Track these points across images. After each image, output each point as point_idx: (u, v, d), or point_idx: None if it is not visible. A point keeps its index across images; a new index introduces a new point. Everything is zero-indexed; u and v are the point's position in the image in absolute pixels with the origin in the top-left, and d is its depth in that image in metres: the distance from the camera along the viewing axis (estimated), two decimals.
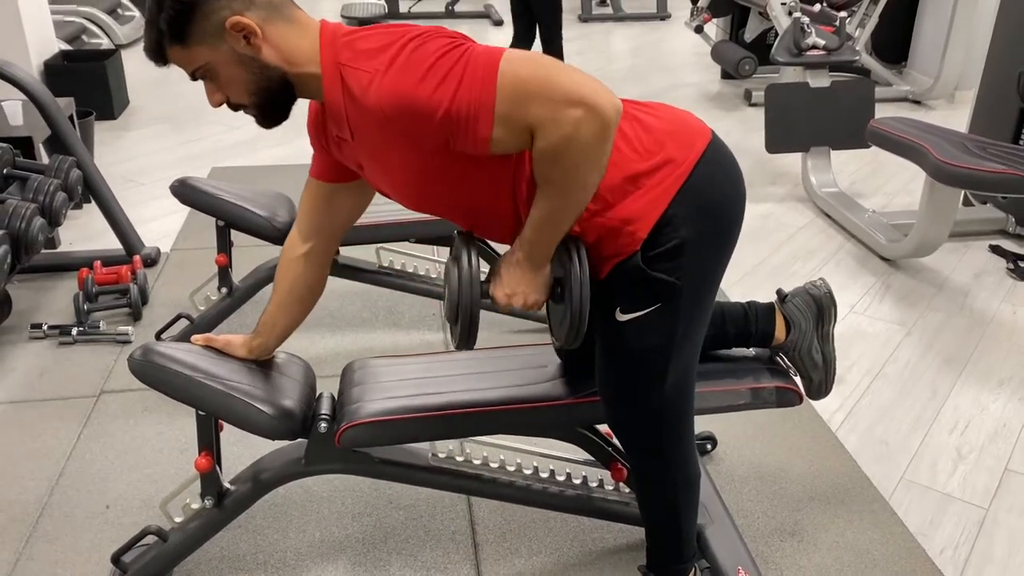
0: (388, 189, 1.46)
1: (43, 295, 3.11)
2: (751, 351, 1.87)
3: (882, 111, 5.10)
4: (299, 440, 1.75)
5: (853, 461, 2.28)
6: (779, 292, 1.85)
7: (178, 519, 1.84)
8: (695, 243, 1.42)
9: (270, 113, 1.40)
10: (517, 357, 1.86)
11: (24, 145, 3.31)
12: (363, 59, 1.30)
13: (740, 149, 4.70)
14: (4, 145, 2.91)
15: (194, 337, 1.75)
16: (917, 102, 5.52)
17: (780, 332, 1.80)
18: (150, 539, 1.82)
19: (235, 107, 1.40)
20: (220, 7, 1.30)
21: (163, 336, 2.69)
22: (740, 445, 2.32)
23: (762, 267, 3.39)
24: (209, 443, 1.74)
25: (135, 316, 2.93)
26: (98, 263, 3.07)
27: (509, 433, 1.89)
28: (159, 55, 1.35)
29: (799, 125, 3.90)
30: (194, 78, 1.37)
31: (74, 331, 2.79)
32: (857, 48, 5.27)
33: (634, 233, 1.41)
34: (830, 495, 2.16)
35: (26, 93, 3.01)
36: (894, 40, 5.74)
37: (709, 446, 2.28)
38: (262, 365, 1.75)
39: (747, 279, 3.29)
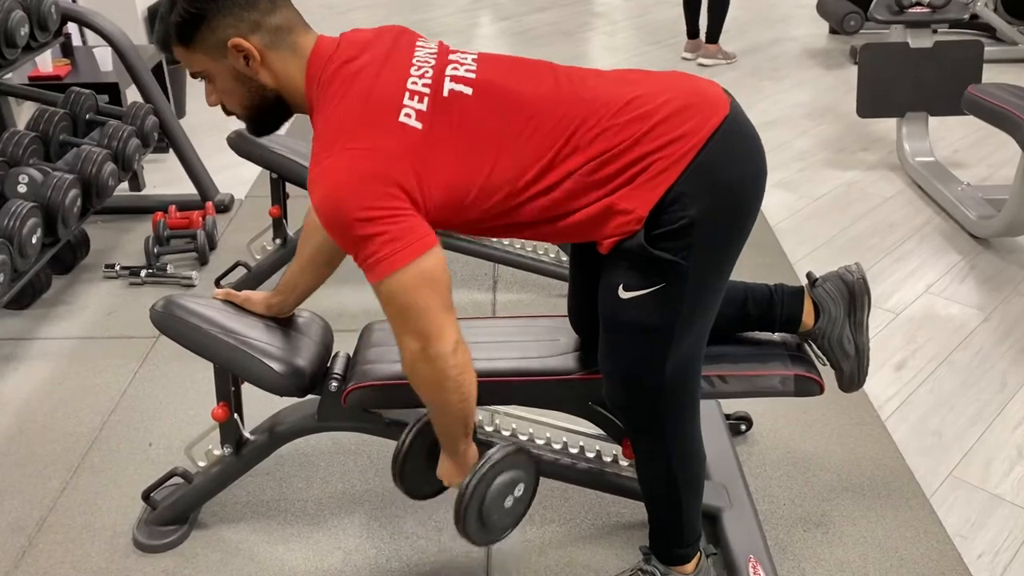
0: None
1: (122, 236, 3.26)
2: (777, 336, 1.78)
3: (1001, 76, 4.74)
4: (316, 396, 1.79)
5: (898, 452, 2.17)
6: (809, 275, 1.76)
7: (201, 463, 1.92)
8: (705, 223, 1.36)
9: (260, 125, 1.47)
10: (533, 328, 1.84)
11: (112, 91, 3.46)
12: (319, 132, 1.34)
13: (835, 111, 4.47)
14: (87, 91, 3.05)
15: (215, 292, 1.80)
16: None
17: (808, 318, 1.71)
18: (178, 479, 1.92)
19: (228, 112, 1.45)
20: (226, 25, 1.33)
21: (222, 283, 2.79)
22: (777, 427, 2.24)
23: (837, 239, 3.22)
24: (226, 394, 1.80)
25: (201, 261, 3.04)
26: (173, 207, 3.20)
27: (518, 405, 1.87)
28: (166, 48, 1.40)
29: (895, 88, 3.66)
30: (194, 76, 1.42)
31: (143, 273, 2.92)
32: (972, 7, 4.89)
33: (632, 211, 1.35)
34: (866, 487, 2.06)
35: (108, 40, 3.13)
36: None
37: (744, 427, 2.21)
38: (280, 323, 1.78)
39: (819, 252, 3.14)
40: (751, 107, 4.54)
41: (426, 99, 1.34)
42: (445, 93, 1.36)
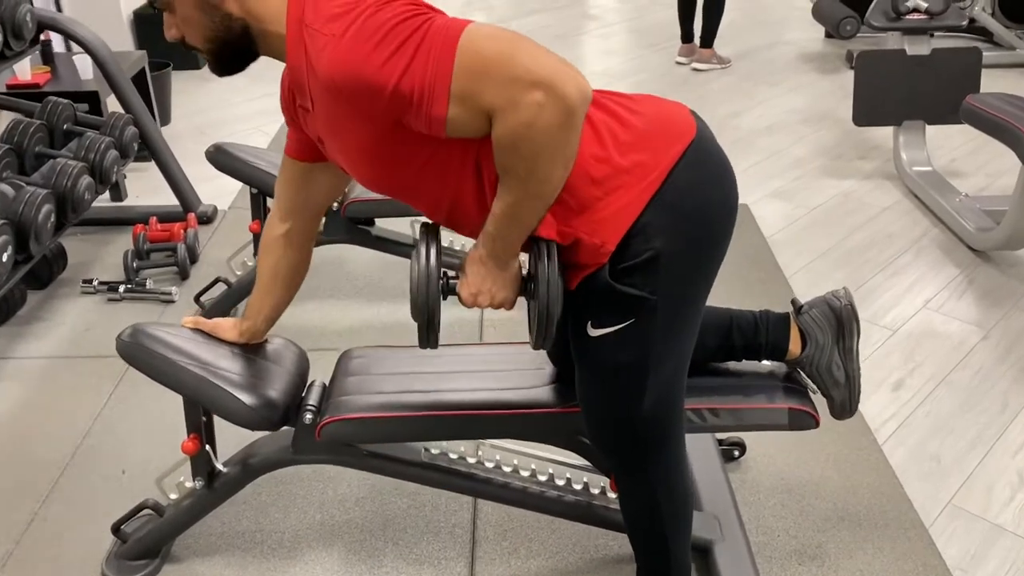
0: (349, 169, 1.37)
1: (101, 248, 3.19)
2: (767, 365, 1.71)
3: (999, 80, 4.68)
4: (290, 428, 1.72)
5: (896, 479, 2.10)
6: (794, 302, 1.69)
7: (173, 496, 1.85)
8: (672, 255, 1.29)
9: (224, 63, 1.34)
10: (517, 356, 1.77)
11: (92, 99, 3.38)
12: (325, 21, 1.20)
13: (832, 117, 4.40)
14: (64, 101, 2.97)
15: (184, 320, 1.73)
16: None
17: (795, 346, 1.64)
18: (149, 512, 1.84)
19: (188, 47, 1.33)
20: None
21: (202, 299, 2.72)
22: (771, 453, 2.17)
23: (833, 252, 3.15)
24: (197, 426, 1.72)
25: (182, 275, 2.97)
26: (154, 219, 3.12)
27: (502, 438, 1.80)
28: None
29: (892, 97, 3.59)
30: (151, 6, 1.31)
31: (121, 288, 2.84)
32: (969, 11, 4.83)
33: (601, 246, 1.28)
34: (863, 516, 2.00)
35: (86, 49, 3.05)
36: None
37: (737, 452, 2.14)
38: (253, 350, 1.71)
39: (814, 264, 3.07)
40: (746, 113, 4.48)
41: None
42: None
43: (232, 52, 1.32)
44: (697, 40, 5.19)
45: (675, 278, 1.31)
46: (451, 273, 1.39)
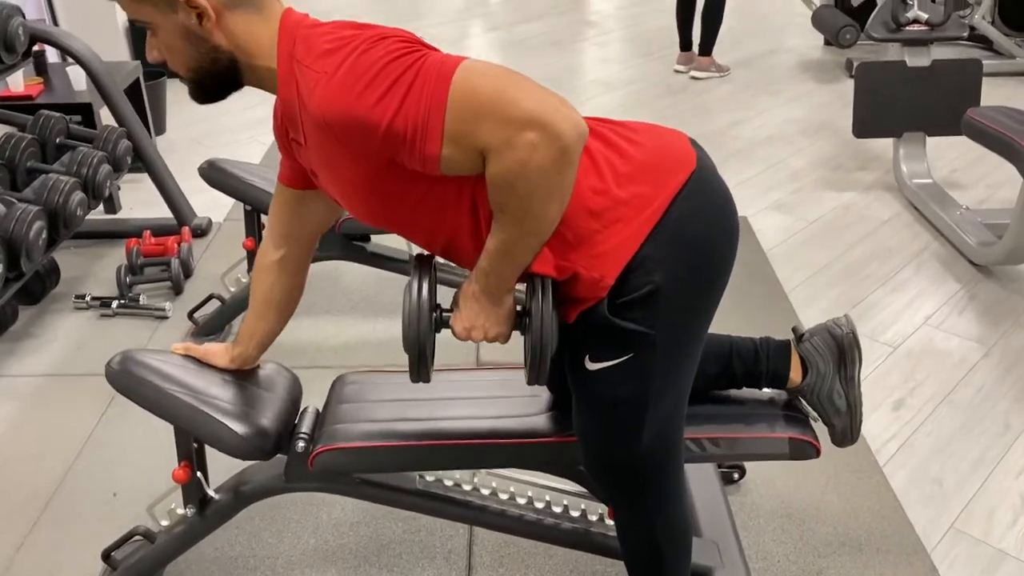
0: (343, 203, 1.34)
1: (95, 262, 3.16)
2: (767, 393, 1.68)
3: (998, 89, 4.66)
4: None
5: (897, 502, 2.07)
6: (795, 330, 1.66)
7: (164, 523, 1.82)
8: (672, 289, 1.27)
9: (207, 93, 1.30)
10: (515, 381, 1.74)
11: (86, 111, 3.36)
12: (316, 58, 1.17)
13: (830, 127, 4.38)
14: (56, 115, 2.95)
15: (174, 346, 1.70)
16: None
17: (796, 374, 1.62)
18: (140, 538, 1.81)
19: (170, 73, 1.30)
20: None
21: (195, 316, 2.69)
22: (771, 476, 2.14)
23: (833, 266, 3.13)
24: (188, 454, 1.69)
25: (176, 290, 2.94)
26: (148, 233, 3.09)
27: (498, 467, 1.77)
28: None
29: (892, 108, 3.57)
30: (132, 26, 1.27)
31: (114, 304, 2.82)
32: (969, 19, 4.81)
33: (599, 280, 1.26)
34: (864, 541, 1.97)
35: (78, 61, 3.02)
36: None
37: (736, 475, 2.11)
38: (244, 376, 1.68)
39: (815, 279, 3.04)
40: (746, 122, 4.46)
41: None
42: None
43: (217, 83, 1.28)
44: (696, 48, 5.17)
45: (675, 312, 1.29)
46: (445, 306, 1.36)
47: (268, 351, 1.71)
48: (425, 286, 1.31)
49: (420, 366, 1.34)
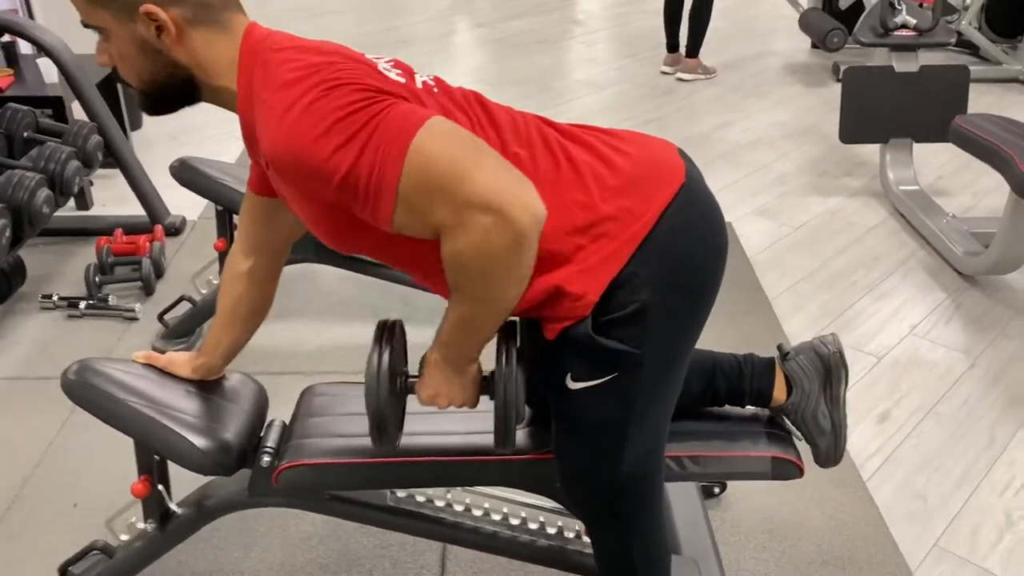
0: (308, 226, 1.28)
1: (65, 260, 3.07)
2: (749, 410, 1.63)
3: (985, 96, 4.64)
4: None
5: (881, 519, 2.03)
6: (780, 348, 1.61)
7: (124, 537, 1.75)
8: (659, 307, 1.21)
9: (158, 106, 1.23)
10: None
11: (56, 105, 3.27)
12: (274, 90, 1.09)
13: (817, 132, 4.34)
14: (24, 108, 2.86)
15: (135, 354, 1.63)
16: None
17: (780, 392, 1.56)
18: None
19: (120, 80, 1.23)
20: None
21: (165, 318, 2.62)
22: (752, 490, 2.09)
23: (819, 273, 3.09)
24: (149, 467, 1.62)
25: (147, 291, 2.86)
26: (119, 231, 3.01)
27: (473, 485, 1.71)
28: None
29: (879, 114, 3.53)
30: (85, 26, 1.18)
31: (82, 304, 2.74)
32: (956, 25, 4.79)
33: (582, 296, 1.20)
34: (847, 559, 1.93)
35: (47, 53, 2.93)
36: (1011, 10, 5.17)
37: (717, 489, 2.07)
38: (208, 388, 1.62)
39: (799, 287, 3.00)
40: (732, 126, 4.41)
41: (402, 79, 1.17)
42: (418, 84, 1.20)
43: (171, 98, 1.21)
44: (683, 49, 5.12)
45: (662, 331, 1.23)
46: (411, 372, 1.33)
47: (242, 353, 1.65)
48: (387, 355, 1.26)
49: (381, 435, 1.30)
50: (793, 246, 3.27)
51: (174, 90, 1.20)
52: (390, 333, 1.30)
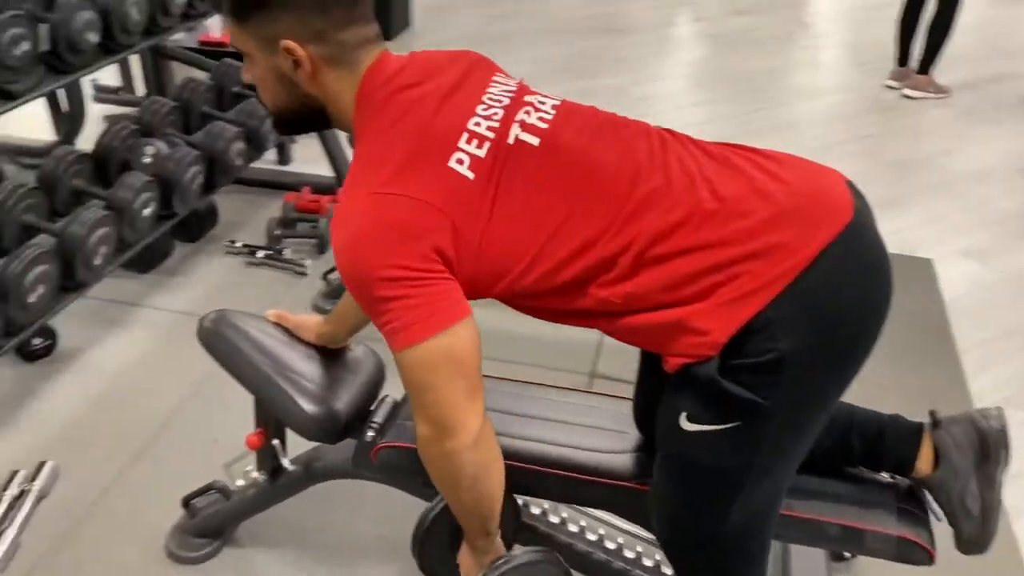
0: None
1: (256, 209, 3.27)
2: (886, 477, 1.46)
3: None
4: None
5: None
6: (932, 414, 1.41)
7: (240, 482, 1.83)
8: (799, 360, 1.09)
9: (287, 128, 1.32)
10: (600, 411, 1.61)
11: None
12: (350, 175, 1.18)
13: None
14: (238, 63, 3.05)
15: (268, 312, 1.69)
16: None
17: (925, 464, 1.38)
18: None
19: (259, 99, 1.29)
20: (287, 22, 1.15)
21: (329, 277, 2.72)
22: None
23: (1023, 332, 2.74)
24: (266, 421, 1.69)
25: (320, 249, 2.99)
26: (307, 189, 3.16)
27: (562, 502, 1.65)
28: (218, 8, 1.27)
29: None
30: (234, 49, 1.26)
31: (260, 253, 2.90)
32: None
33: (706, 333, 1.09)
34: None
35: None
36: None
37: (848, 553, 1.88)
38: (330, 355, 1.65)
39: (997, 343, 2.67)
40: (956, 153, 4.01)
41: (487, 144, 1.14)
42: (510, 140, 1.16)
43: (302, 124, 1.30)
44: (915, 63, 4.70)
45: (797, 387, 1.11)
46: None
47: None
48: None
49: None
50: (1000, 296, 2.91)
51: (304, 118, 1.27)
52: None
